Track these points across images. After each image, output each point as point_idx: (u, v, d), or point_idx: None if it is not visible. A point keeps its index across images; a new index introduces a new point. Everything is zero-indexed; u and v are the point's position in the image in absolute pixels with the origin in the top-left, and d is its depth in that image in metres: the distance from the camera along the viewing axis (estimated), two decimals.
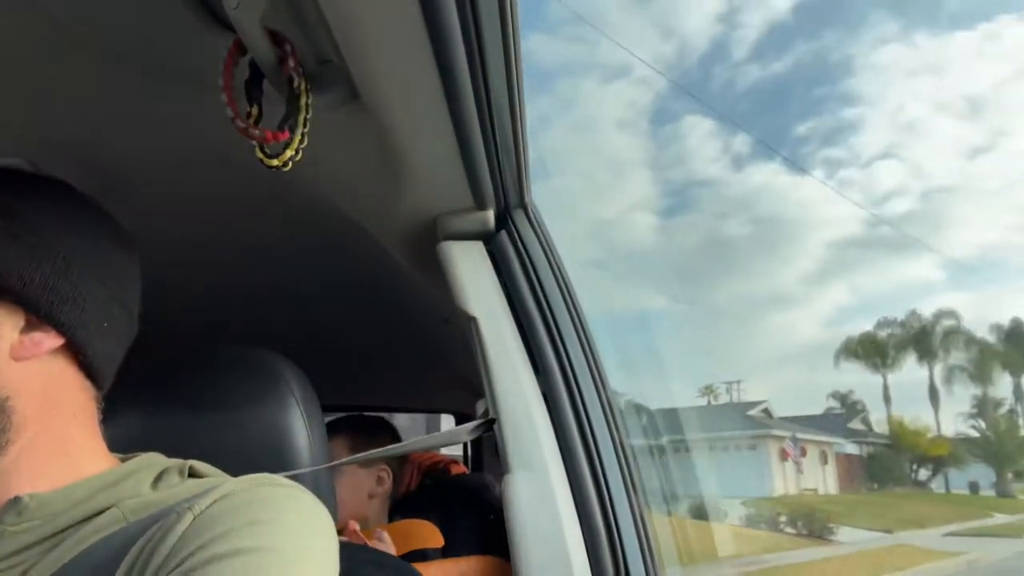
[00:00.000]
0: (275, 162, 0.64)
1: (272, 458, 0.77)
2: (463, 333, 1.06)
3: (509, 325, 1.00)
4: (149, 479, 0.60)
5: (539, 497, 0.88)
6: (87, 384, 0.62)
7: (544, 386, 0.98)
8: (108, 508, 0.56)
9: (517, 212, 1.11)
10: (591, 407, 0.98)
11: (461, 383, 2.32)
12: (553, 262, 1.09)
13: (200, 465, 0.63)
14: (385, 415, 1.97)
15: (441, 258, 1.05)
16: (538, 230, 1.12)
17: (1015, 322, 38.55)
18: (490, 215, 1.06)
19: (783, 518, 21.34)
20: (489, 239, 1.08)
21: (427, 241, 1.09)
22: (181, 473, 0.62)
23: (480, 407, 1.02)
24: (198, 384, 0.78)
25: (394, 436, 1.67)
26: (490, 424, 0.96)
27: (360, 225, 1.13)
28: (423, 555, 1.30)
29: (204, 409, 0.70)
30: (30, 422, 0.57)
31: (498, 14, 0.69)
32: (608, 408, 1.02)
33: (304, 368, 0.84)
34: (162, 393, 0.77)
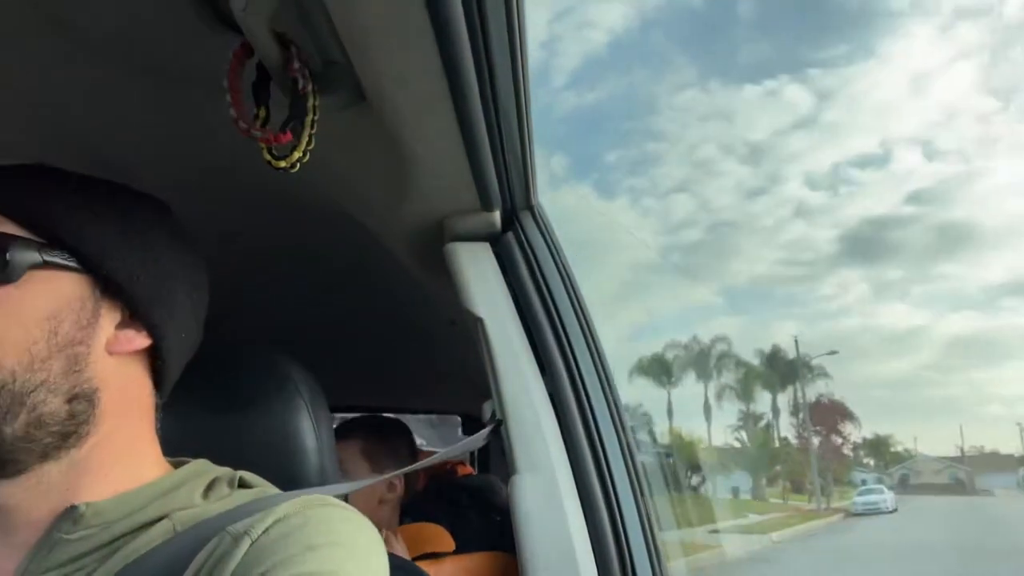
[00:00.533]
0: (282, 164, 0.64)
1: (280, 459, 0.77)
2: (470, 334, 1.06)
3: (516, 326, 1.00)
4: (200, 488, 0.61)
5: (546, 498, 0.88)
6: (153, 390, 0.64)
7: (551, 387, 0.98)
8: (161, 519, 0.57)
9: (524, 213, 1.11)
10: (598, 408, 0.98)
11: (468, 384, 2.32)
12: (560, 263, 1.09)
13: (249, 475, 0.65)
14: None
15: (448, 259, 1.05)
16: (545, 231, 1.11)
17: (775, 347, 46.84)
18: (496, 216, 1.06)
19: None
20: (496, 240, 1.08)
21: (434, 242, 1.09)
22: (231, 483, 0.63)
23: (487, 408, 1.02)
24: (206, 385, 0.78)
25: (409, 439, 1.67)
26: (499, 426, 0.96)
27: (366, 226, 1.13)
28: (434, 559, 1.30)
29: (212, 410, 0.70)
30: (107, 418, 0.58)
31: (504, 15, 0.69)
32: (615, 409, 1.02)
33: (311, 369, 0.84)
34: (170, 393, 0.78)
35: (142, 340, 0.61)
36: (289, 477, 0.77)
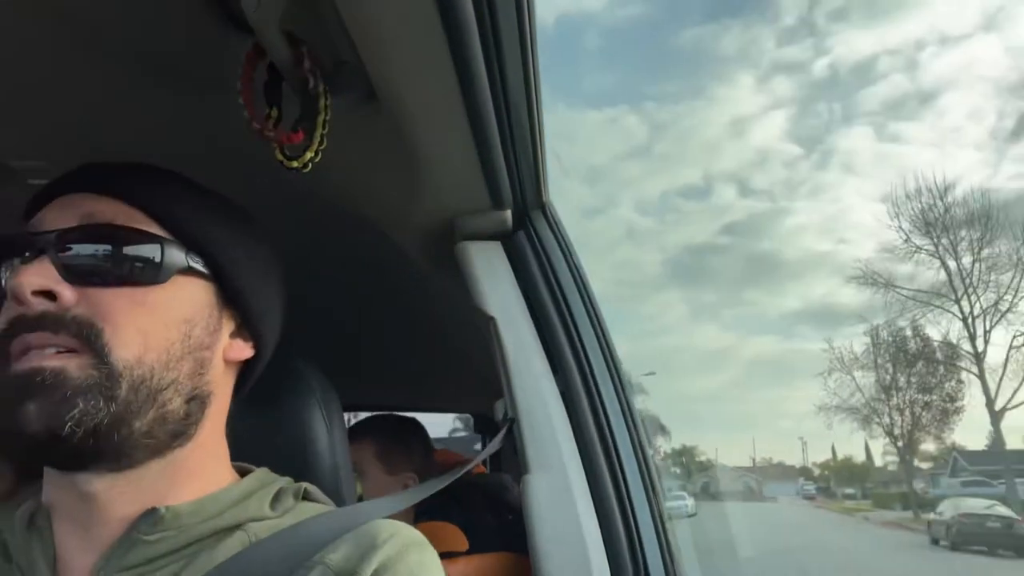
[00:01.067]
0: (295, 163, 0.64)
1: (293, 458, 0.77)
2: (482, 333, 1.06)
3: (527, 325, 1.00)
4: (268, 498, 0.63)
5: (558, 497, 0.88)
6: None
7: (563, 386, 0.97)
8: (235, 528, 0.59)
9: (535, 212, 1.11)
10: (610, 406, 0.97)
11: (479, 383, 2.31)
12: (571, 262, 1.09)
13: (313, 488, 0.68)
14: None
15: (459, 258, 1.05)
16: (556, 230, 1.11)
17: None
18: (508, 215, 1.05)
19: None
20: (507, 239, 1.08)
21: (445, 241, 1.09)
22: (296, 495, 0.65)
23: (499, 408, 1.02)
24: None
25: (422, 436, 1.66)
26: (512, 425, 0.96)
27: (378, 225, 1.13)
28: (448, 558, 1.30)
29: None
30: (208, 422, 0.62)
31: (515, 13, 0.69)
32: (627, 407, 1.01)
33: (324, 368, 0.84)
34: None
35: (248, 350, 0.65)
36: (302, 476, 0.77)
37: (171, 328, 0.57)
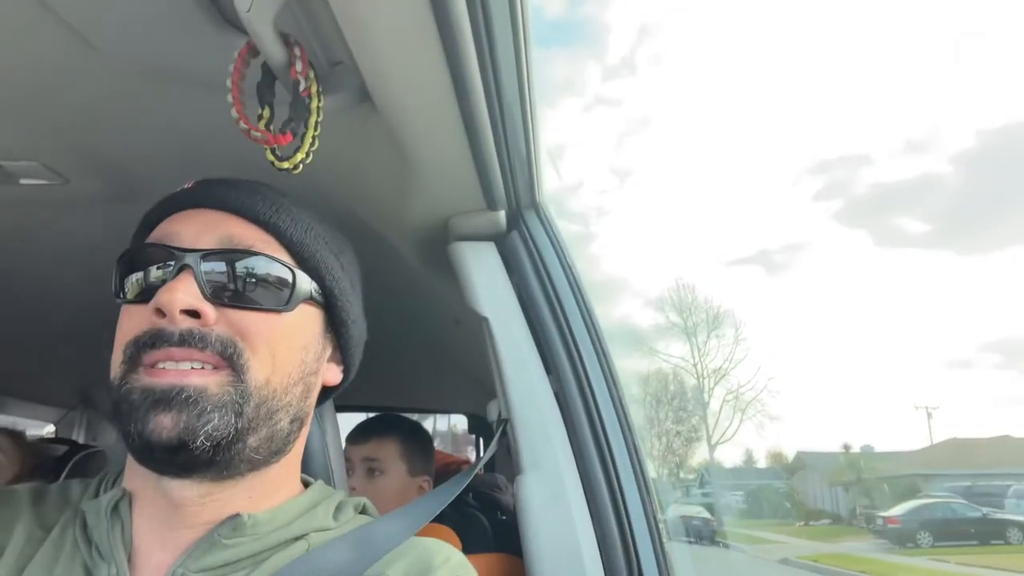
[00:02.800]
0: (285, 165, 0.64)
1: None
2: (475, 333, 1.05)
3: (521, 325, 1.00)
4: (332, 509, 0.66)
5: (551, 498, 0.88)
6: None
7: (556, 387, 0.97)
8: (301, 537, 0.61)
9: (528, 212, 1.11)
10: (603, 407, 0.97)
11: (473, 383, 2.31)
12: (564, 263, 1.09)
13: (370, 504, 0.72)
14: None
15: (453, 259, 1.05)
16: (549, 230, 1.11)
17: None
18: (501, 216, 1.05)
19: None
20: (501, 240, 1.08)
21: (438, 242, 1.08)
22: (356, 507, 0.69)
23: (492, 408, 1.02)
24: None
25: (432, 444, 1.70)
26: (505, 425, 0.96)
27: (372, 226, 1.13)
28: None
29: None
30: (300, 440, 0.65)
31: (509, 16, 0.69)
32: (620, 408, 1.01)
33: None
34: None
35: (338, 376, 0.69)
36: None
37: (294, 353, 0.61)
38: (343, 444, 1.31)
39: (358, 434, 1.57)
